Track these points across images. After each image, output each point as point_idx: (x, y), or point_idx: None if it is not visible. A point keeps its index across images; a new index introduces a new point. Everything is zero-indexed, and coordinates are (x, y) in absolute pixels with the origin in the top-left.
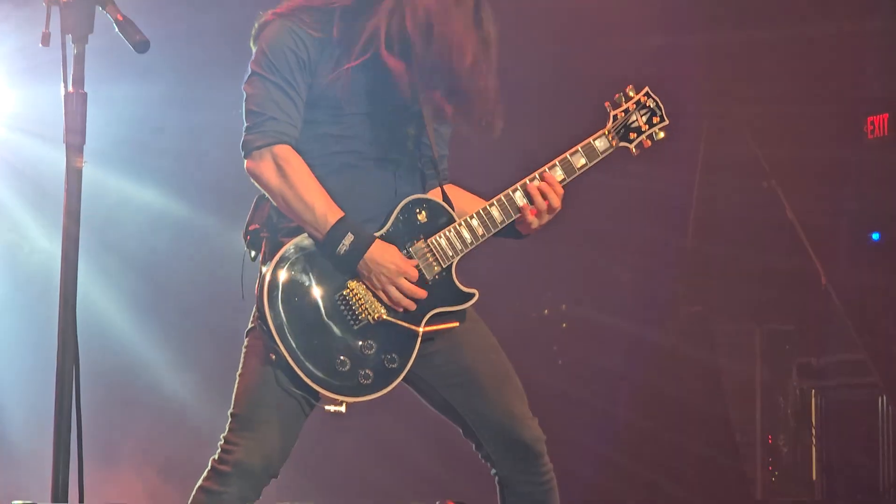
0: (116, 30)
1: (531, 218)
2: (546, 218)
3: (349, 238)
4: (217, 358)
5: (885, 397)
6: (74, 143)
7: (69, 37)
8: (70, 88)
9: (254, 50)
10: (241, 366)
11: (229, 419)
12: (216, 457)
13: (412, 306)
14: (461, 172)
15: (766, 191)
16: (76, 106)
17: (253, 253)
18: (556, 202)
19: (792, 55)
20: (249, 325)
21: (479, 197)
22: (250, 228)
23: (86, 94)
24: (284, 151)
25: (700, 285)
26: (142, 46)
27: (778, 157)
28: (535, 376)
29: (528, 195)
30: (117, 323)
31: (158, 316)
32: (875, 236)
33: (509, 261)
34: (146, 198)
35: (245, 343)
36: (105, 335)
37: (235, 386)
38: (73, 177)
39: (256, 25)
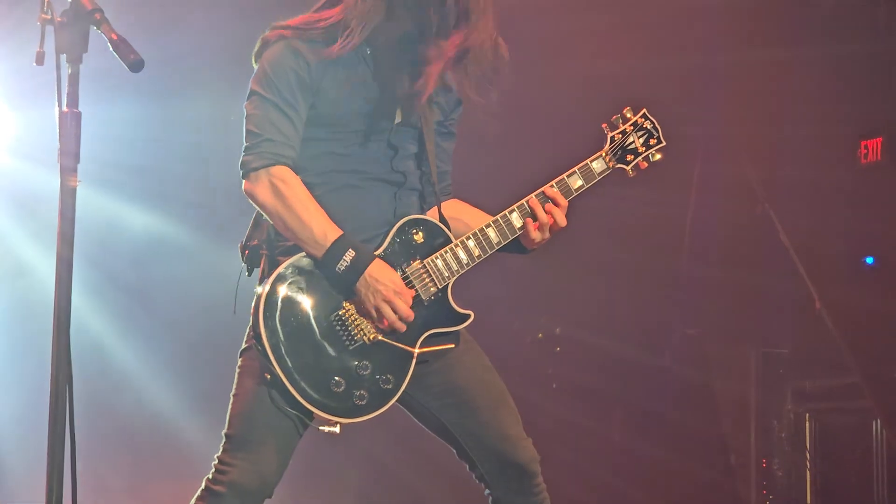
0: (111, 49)
1: (534, 233)
2: (549, 233)
3: (350, 254)
4: (210, 377)
5: (879, 421)
6: (68, 163)
7: (63, 56)
8: (64, 108)
9: (255, 67)
10: (234, 386)
11: (223, 439)
12: (210, 476)
13: (402, 328)
14: (462, 188)
15: (760, 214)
16: (70, 126)
17: (249, 268)
18: (561, 216)
19: (786, 78)
20: (244, 346)
21: (484, 211)
22: (250, 244)
23: (80, 113)
24: (281, 172)
25: (694, 308)
26: (136, 66)
27: (772, 180)
28: (530, 399)
29: (530, 211)
30: (110, 343)
31: (151, 336)
32: (869, 260)
33: (504, 283)
34: (138, 218)
35: (239, 363)
36: (99, 356)
37: (229, 406)
38: (67, 196)
39: (259, 43)
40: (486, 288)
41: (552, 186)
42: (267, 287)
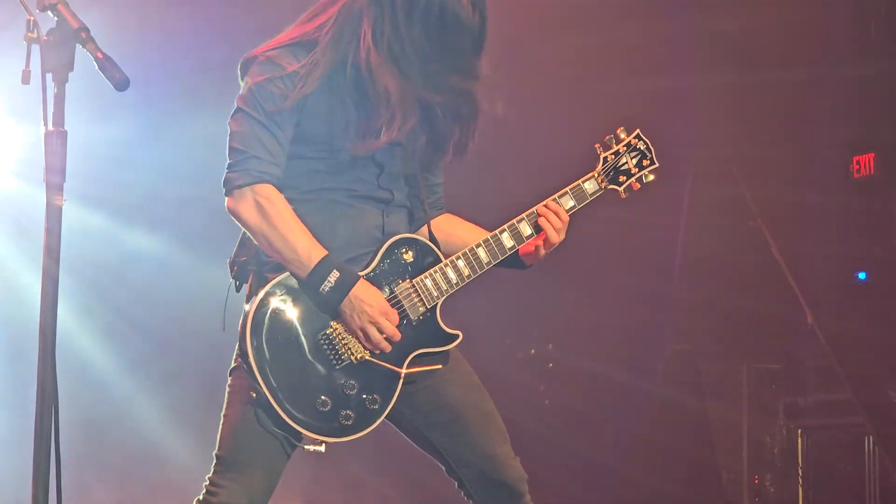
0: (97, 68)
1: (539, 244)
2: (551, 246)
3: (334, 275)
4: (201, 396)
5: (871, 438)
6: (54, 181)
7: (49, 75)
8: (50, 127)
9: (241, 85)
10: (225, 406)
11: (214, 460)
12: (200, 497)
13: (388, 348)
14: (453, 205)
15: (752, 230)
16: (56, 145)
17: (238, 284)
18: (559, 225)
19: (778, 95)
20: (232, 365)
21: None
22: (238, 260)
23: (66, 132)
24: (266, 190)
25: (687, 324)
26: (122, 84)
27: (764, 196)
28: (521, 416)
29: (516, 234)
30: (98, 362)
31: (140, 354)
32: (861, 276)
33: (496, 300)
34: (126, 235)
35: (229, 382)
36: (86, 375)
37: (220, 427)
38: (54, 215)
39: (242, 61)
40: (478, 304)
41: (525, 219)
42: (254, 305)
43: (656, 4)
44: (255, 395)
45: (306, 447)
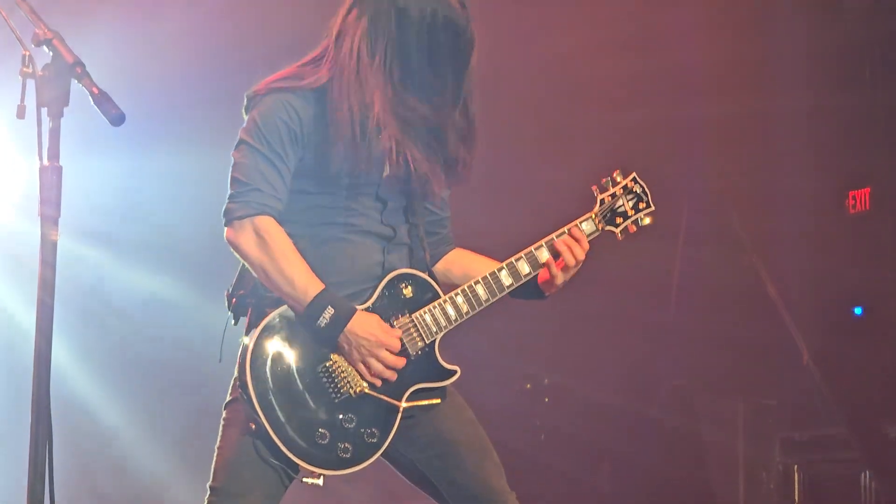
0: (92, 103)
1: (555, 271)
2: (570, 273)
3: (329, 311)
4: (195, 429)
5: (868, 473)
6: (49, 215)
7: (44, 110)
8: (45, 162)
9: (245, 119)
10: (219, 438)
11: (208, 492)
12: None
13: (392, 377)
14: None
15: (748, 264)
16: (51, 179)
17: (236, 318)
18: (581, 256)
19: (773, 128)
20: (228, 398)
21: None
22: (238, 293)
23: (61, 167)
24: (265, 223)
25: (682, 359)
26: (117, 119)
27: (759, 230)
28: (518, 450)
29: (515, 272)
30: (91, 396)
31: (134, 386)
32: (858, 311)
33: (491, 333)
34: (123, 270)
35: (223, 416)
36: (80, 408)
37: (214, 459)
38: (48, 249)
39: (249, 96)
40: (473, 337)
41: (541, 246)
42: (254, 337)
43: (652, 37)
44: (254, 426)
45: (304, 480)
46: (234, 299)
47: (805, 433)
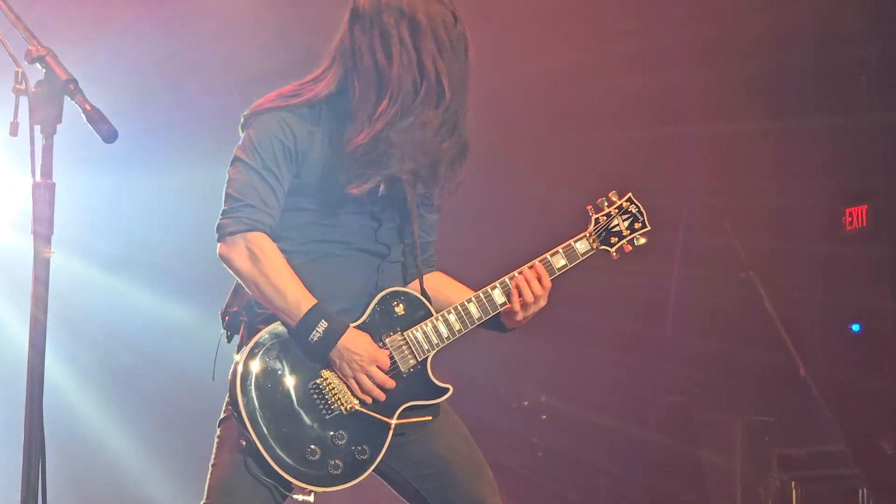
0: (85, 119)
1: (517, 308)
2: (532, 310)
3: (322, 325)
4: (187, 446)
5: (865, 490)
6: (42, 233)
7: (37, 127)
8: (38, 178)
9: (241, 136)
10: (213, 456)
11: None
12: None
13: (381, 396)
14: (445, 262)
15: (744, 281)
16: (44, 196)
17: (229, 335)
18: (543, 296)
19: (770, 147)
20: (222, 415)
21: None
22: (230, 310)
23: (54, 184)
24: (258, 238)
25: (679, 376)
26: (110, 136)
27: (756, 247)
28: (515, 468)
29: (513, 289)
30: (86, 412)
31: (128, 404)
32: (855, 328)
33: (489, 351)
34: (116, 286)
35: (217, 433)
36: (74, 424)
37: (208, 476)
38: (41, 266)
39: (245, 114)
40: (470, 355)
41: (534, 266)
42: (245, 354)
43: (650, 55)
44: (244, 443)
45: (295, 496)
46: (226, 317)
47: (802, 449)
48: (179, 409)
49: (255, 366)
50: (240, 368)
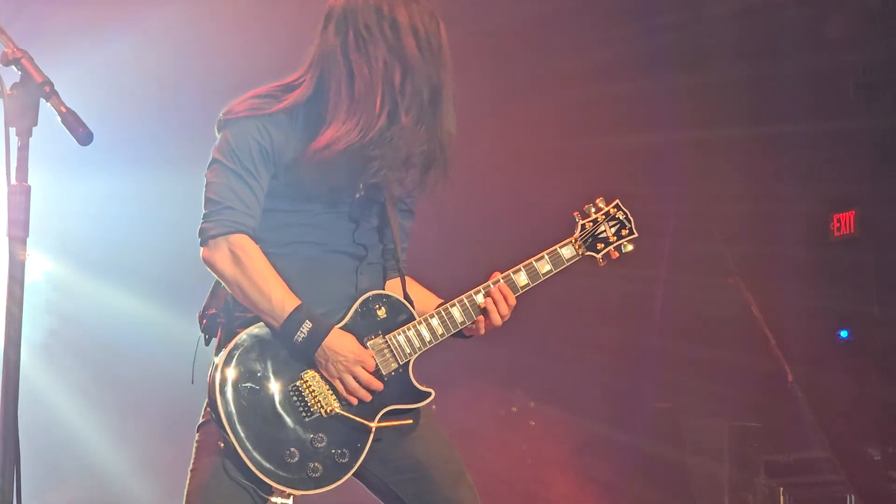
0: (59, 121)
1: (479, 324)
2: (495, 326)
3: (307, 325)
4: (167, 449)
5: (852, 496)
6: (17, 235)
7: (13, 129)
8: (13, 181)
9: (217, 137)
10: (192, 461)
11: None
12: None
13: (367, 397)
14: (427, 266)
15: (732, 288)
16: (19, 199)
17: (207, 338)
18: (507, 312)
19: (758, 152)
20: (201, 420)
21: (436, 294)
22: (207, 312)
23: (29, 187)
24: (240, 240)
25: (667, 382)
26: (85, 139)
27: (744, 253)
28: (503, 474)
29: (489, 294)
30: (64, 417)
31: (106, 406)
32: (843, 334)
33: (476, 357)
34: (96, 289)
35: (196, 438)
36: (52, 427)
37: (187, 482)
38: (17, 269)
39: (221, 116)
40: (459, 361)
41: (520, 270)
42: (223, 356)
43: (637, 61)
44: (222, 444)
45: (272, 500)
46: (204, 319)
47: (790, 456)
48: (159, 411)
49: (234, 368)
50: (218, 370)
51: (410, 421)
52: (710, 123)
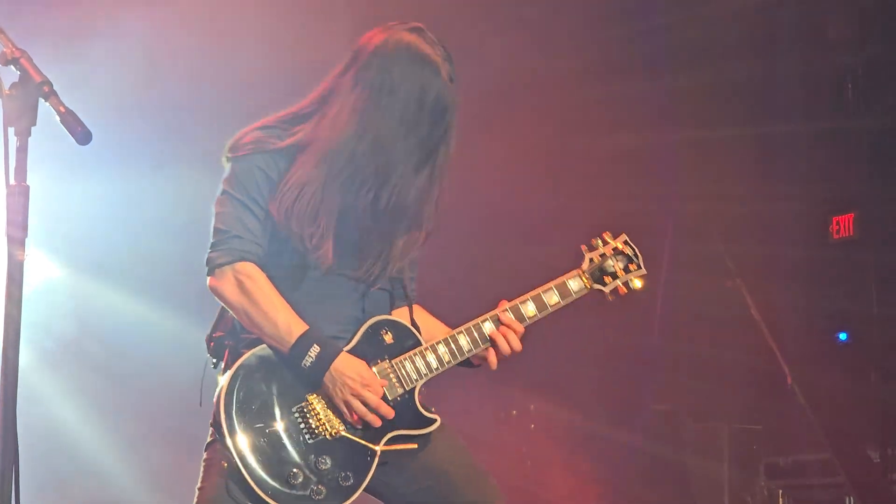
0: (58, 121)
1: (490, 356)
2: (504, 357)
3: (315, 349)
4: (175, 468)
5: (852, 498)
6: (16, 236)
7: (11, 129)
8: (12, 181)
9: (226, 167)
10: (200, 480)
11: None
12: None
13: (376, 421)
14: (429, 298)
15: (732, 289)
16: (18, 199)
17: (214, 361)
18: (517, 343)
19: (758, 154)
20: (209, 439)
21: (443, 323)
22: (214, 336)
23: (28, 187)
24: (247, 268)
25: (667, 384)
26: (83, 138)
27: (743, 255)
28: (503, 477)
29: (498, 322)
30: (67, 419)
31: (113, 421)
32: (842, 336)
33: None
34: (95, 291)
35: (204, 457)
36: (57, 439)
37: (195, 500)
38: (15, 269)
39: (230, 143)
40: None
41: (527, 301)
42: (229, 375)
43: (637, 62)
44: (226, 464)
45: None
46: (211, 342)
47: (790, 458)
48: (160, 412)
49: (240, 388)
50: (224, 389)
51: (415, 446)
52: (709, 124)
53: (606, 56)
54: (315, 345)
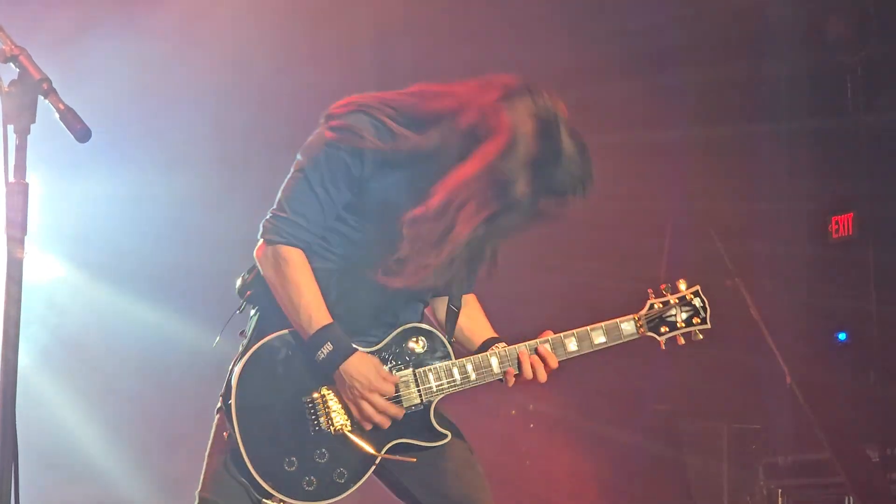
0: (57, 118)
1: (509, 376)
2: (523, 382)
3: (327, 347)
4: (174, 465)
5: (851, 498)
6: (15, 234)
7: (10, 127)
8: (11, 179)
9: (320, 127)
10: (210, 444)
11: (196, 499)
12: None
13: (385, 423)
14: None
15: (731, 289)
16: (17, 197)
17: (244, 306)
18: (543, 376)
19: (757, 153)
20: (219, 405)
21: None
22: (251, 285)
23: (27, 184)
24: (289, 253)
25: (666, 383)
26: (83, 135)
27: (742, 254)
28: (503, 476)
29: (534, 349)
30: (66, 418)
31: (115, 411)
32: (842, 336)
33: None
34: (95, 291)
35: (216, 419)
36: (55, 437)
37: (204, 465)
38: (15, 267)
39: (331, 108)
40: None
41: (571, 335)
42: (249, 353)
43: (638, 59)
44: (226, 434)
45: (264, 501)
46: (248, 291)
47: (789, 457)
48: (160, 412)
49: (258, 366)
50: (242, 363)
51: (414, 459)
52: (708, 123)
53: (607, 53)
54: (329, 342)
